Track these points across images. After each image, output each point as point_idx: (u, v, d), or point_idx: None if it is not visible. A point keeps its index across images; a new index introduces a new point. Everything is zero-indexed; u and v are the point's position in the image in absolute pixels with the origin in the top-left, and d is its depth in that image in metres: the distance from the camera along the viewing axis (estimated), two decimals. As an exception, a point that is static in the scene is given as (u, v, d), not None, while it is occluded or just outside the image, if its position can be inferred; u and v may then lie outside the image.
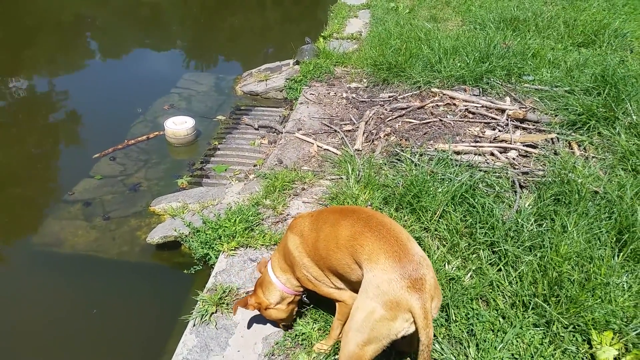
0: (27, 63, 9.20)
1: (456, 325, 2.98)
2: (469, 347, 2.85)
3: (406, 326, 2.21)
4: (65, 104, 7.68)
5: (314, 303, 3.11)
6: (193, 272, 3.92)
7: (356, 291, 2.60)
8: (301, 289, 2.86)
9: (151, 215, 4.86)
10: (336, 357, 2.87)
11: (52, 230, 4.71)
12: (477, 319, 2.98)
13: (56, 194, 5.35)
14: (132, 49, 10.75)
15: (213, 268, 3.77)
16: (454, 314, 3.02)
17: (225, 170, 5.62)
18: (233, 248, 3.88)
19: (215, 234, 4.01)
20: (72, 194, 5.19)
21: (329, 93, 6.72)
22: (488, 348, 2.81)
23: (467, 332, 2.95)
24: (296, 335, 3.02)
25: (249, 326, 3.16)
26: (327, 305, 3.02)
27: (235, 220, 4.09)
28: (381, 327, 2.22)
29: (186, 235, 4.19)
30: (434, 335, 2.93)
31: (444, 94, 6.12)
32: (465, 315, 3.03)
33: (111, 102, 7.50)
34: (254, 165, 5.61)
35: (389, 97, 6.27)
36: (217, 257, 3.87)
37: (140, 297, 4.09)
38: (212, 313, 3.26)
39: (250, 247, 3.90)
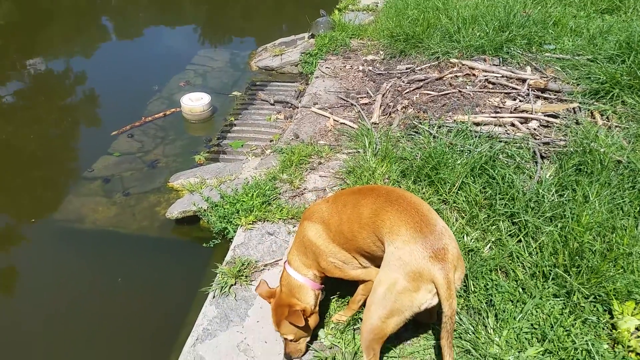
0: (43, 44, 9.24)
1: (475, 296, 2.97)
2: (487, 317, 2.84)
3: (429, 297, 2.21)
4: (82, 84, 7.74)
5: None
6: (212, 245, 3.96)
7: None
8: (321, 284, 2.74)
9: (170, 191, 4.91)
10: (355, 327, 2.89)
11: (73, 207, 4.79)
12: (497, 289, 2.96)
13: (76, 171, 5.43)
14: (147, 27, 10.71)
15: (232, 242, 3.81)
16: (473, 284, 3.01)
17: (242, 145, 5.63)
18: (251, 222, 3.90)
19: (233, 208, 4.03)
20: (91, 171, 5.26)
21: (345, 66, 6.64)
22: (507, 318, 2.79)
23: (486, 303, 2.93)
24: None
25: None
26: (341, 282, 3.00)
27: (253, 194, 4.10)
28: (404, 298, 2.22)
29: (205, 210, 4.23)
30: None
31: (462, 65, 6.00)
32: (484, 286, 3.01)
33: (127, 81, 7.54)
34: (270, 141, 5.60)
35: (407, 68, 6.17)
36: (235, 231, 3.90)
37: (161, 271, 4.15)
38: (232, 285, 3.30)
39: (267, 220, 3.91)
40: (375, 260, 2.57)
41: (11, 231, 4.76)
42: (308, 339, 2.74)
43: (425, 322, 2.86)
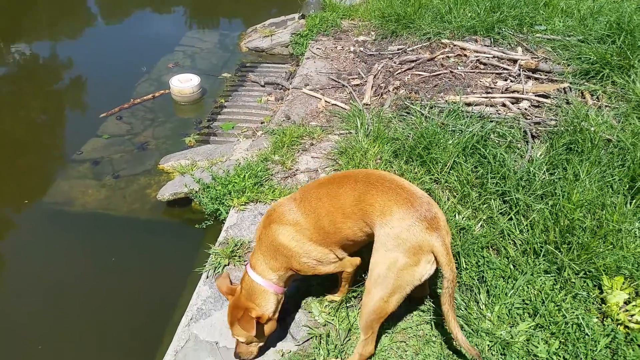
0: (28, 28, 9.03)
1: (467, 273, 3.00)
2: (479, 293, 2.87)
3: (429, 268, 2.27)
4: (68, 67, 7.58)
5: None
6: (204, 227, 3.95)
7: (356, 254, 2.66)
8: (285, 287, 2.64)
9: (160, 173, 4.87)
10: (348, 305, 2.91)
11: (62, 190, 4.74)
12: (488, 266, 2.99)
13: (65, 154, 5.36)
14: (134, 9, 10.50)
15: (224, 223, 3.80)
16: (465, 262, 3.04)
17: (233, 127, 5.59)
18: (243, 203, 3.89)
19: (225, 189, 4.02)
20: (80, 154, 5.20)
21: (336, 47, 6.59)
22: (499, 294, 2.83)
23: (478, 280, 2.97)
24: (309, 286, 3.05)
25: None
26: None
27: (245, 176, 4.08)
28: (405, 275, 2.25)
29: (196, 192, 4.20)
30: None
31: (454, 45, 5.98)
32: (476, 263, 3.04)
33: (115, 63, 7.40)
34: (261, 123, 5.57)
35: (398, 49, 6.14)
36: (227, 212, 3.89)
37: (154, 252, 4.13)
38: (225, 265, 3.30)
39: (260, 202, 3.90)
40: (355, 247, 2.60)
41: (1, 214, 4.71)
42: (262, 343, 2.65)
43: (419, 296, 2.89)
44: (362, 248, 2.65)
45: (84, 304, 3.66)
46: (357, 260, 2.68)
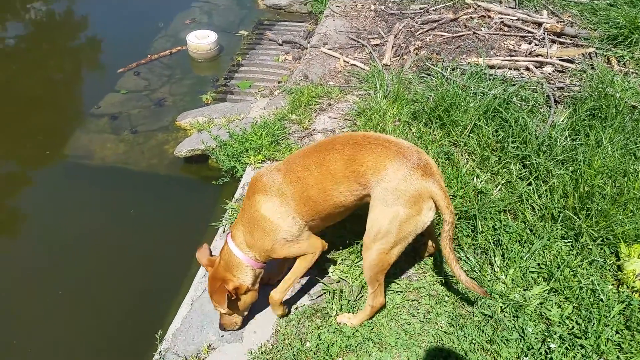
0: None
1: (483, 236, 3.00)
2: (494, 256, 2.88)
3: (430, 215, 2.31)
4: (85, 23, 7.50)
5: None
6: (221, 183, 3.97)
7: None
8: (264, 263, 2.57)
9: (177, 130, 4.88)
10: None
11: (82, 143, 4.78)
12: (504, 230, 2.99)
13: (83, 109, 5.36)
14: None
15: (240, 180, 3.82)
16: (481, 224, 3.03)
17: (250, 86, 5.54)
18: (260, 161, 3.90)
19: (242, 147, 4.02)
20: (98, 108, 5.21)
21: (356, 5, 6.43)
22: (514, 257, 2.83)
23: (494, 243, 2.97)
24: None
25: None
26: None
27: (262, 134, 4.08)
28: (408, 225, 2.28)
29: (213, 149, 4.21)
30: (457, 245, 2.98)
31: (478, 6, 5.81)
32: (492, 226, 3.03)
33: (132, 19, 7.33)
34: (279, 82, 5.51)
35: (420, 9, 5.98)
36: (244, 170, 3.91)
37: (171, 207, 4.18)
38: (241, 221, 3.33)
39: (276, 160, 3.91)
40: (341, 216, 2.57)
41: (22, 167, 4.77)
42: (245, 313, 2.63)
43: (429, 255, 2.93)
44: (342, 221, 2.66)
45: (101, 256, 3.74)
46: (325, 243, 2.56)
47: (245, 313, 2.66)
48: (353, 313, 2.72)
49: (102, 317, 3.32)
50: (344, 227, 3.09)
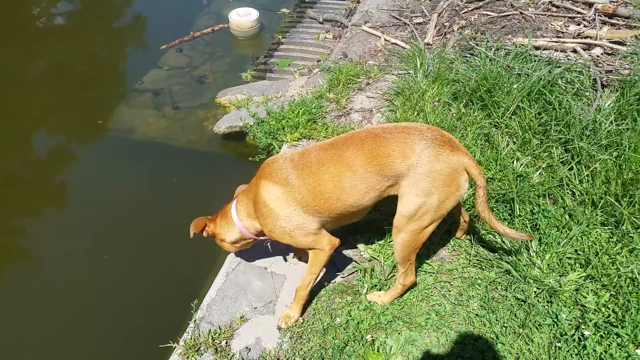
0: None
1: (520, 220, 2.94)
2: (531, 241, 2.82)
3: (466, 186, 2.35)
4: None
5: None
6: (258, 160, 4.02)
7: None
8: (264, 236, 2.67)
9: (217, 107, 4.96)
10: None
11: (125, 118, 4.93)
12: (543, 214, 2.92)
13: (127, 83, 5.53)
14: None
15: (277, 157, 3.85)
16: (519, 208, 2.97)
17: (289, 65, 5.55)
18: (296, 139, 3.92)
19: (279, 124, 4.05)
20: (142, 84, 5.35)
21: (399, -17, 6.31)
22: (551, 242, 2.77)
23: (531, 227, 2.91)
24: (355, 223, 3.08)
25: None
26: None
27: (299, 112, 4.10)
28: (448, 203, 2.32)
29: (251, 126, 4.27)
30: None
31: (526, -16, 5.59)
32: (531, 210, 2.97)
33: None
34: (318, 61, 5.49)
35: (465, -13, 5.81)
36: (280, 147, 3.95)
37: (209, 182, 4.27)
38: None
39: (312, 138, 3.93)
40: (351, 219, 2.54)
41: (70, 140, 4.97)
42: (224, 244, 2.76)
43: (464, 233, 2.92)
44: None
45: (142, 227, 3.88)
46: (336, 240, 2.53)
47: (225, 244, 2.78)
48: (384, 291, 2.73)
49: (141, 285, 3.47)
50: (376, 209, 3.08)
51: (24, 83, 5.60)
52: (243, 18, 6.06)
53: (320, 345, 2.53)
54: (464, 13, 5.26)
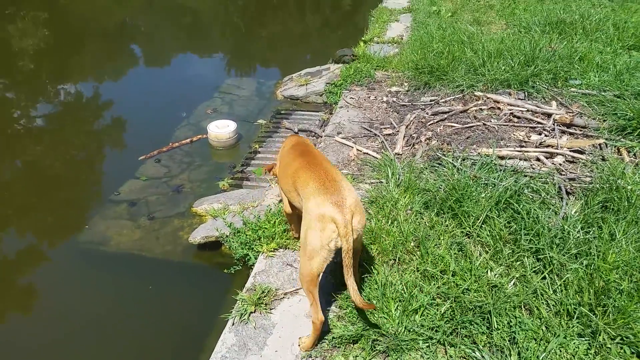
0: (74, 69, 9.61)
1: (498, 333, 2.91)
2: (510, 355, 2.78)
3: (334, 236, 2.64)
4: (111, 109, 7.97)
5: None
6: (233, 272, 3.99)
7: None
8: None
9: (193, 216, 4.98)
10: None
11: (99, 229, 4.88)
12: (520, 327, 2.90)
13: (103, 194, 5.54)
14: (176, 55, 11.05)
15: (252, 268, 3.82)
16: (496, 321, 2.95)
17: (265, 173, 5.68)
18: (272, 249, 3.92)
19: (255, 234, 4.07)
20: (118, 194, 5.37)
21: (369, 97, 6.72)
22: (530, 357, 2.73)
23: (509, 341, 2.87)
24: (333, 338, 3.02)
25: (287, 327, 3.18)
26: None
27: (275, 221, 4.13)
28: (314, 238, 2.67)
29: (227, 236, 4.27)
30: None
31: (487, 98, 6.02)
32: (508, 323, 2.95)
33: (156, 107, 7.75)
34: (294, 169, 5.65)
35: (431, 100, 6.21)
36: (256, 258, 3.92)
37: (182, 295, 4.18)
38: (251, 313, 3.30)
39: (288, 248, 3.93)
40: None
41: (36, 250, 4.87)
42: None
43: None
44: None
45: (108, 343, 3.71)
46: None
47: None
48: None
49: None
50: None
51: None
52: (221, 130, 6.29)
53: None
54: (430, 125, 5.57)
